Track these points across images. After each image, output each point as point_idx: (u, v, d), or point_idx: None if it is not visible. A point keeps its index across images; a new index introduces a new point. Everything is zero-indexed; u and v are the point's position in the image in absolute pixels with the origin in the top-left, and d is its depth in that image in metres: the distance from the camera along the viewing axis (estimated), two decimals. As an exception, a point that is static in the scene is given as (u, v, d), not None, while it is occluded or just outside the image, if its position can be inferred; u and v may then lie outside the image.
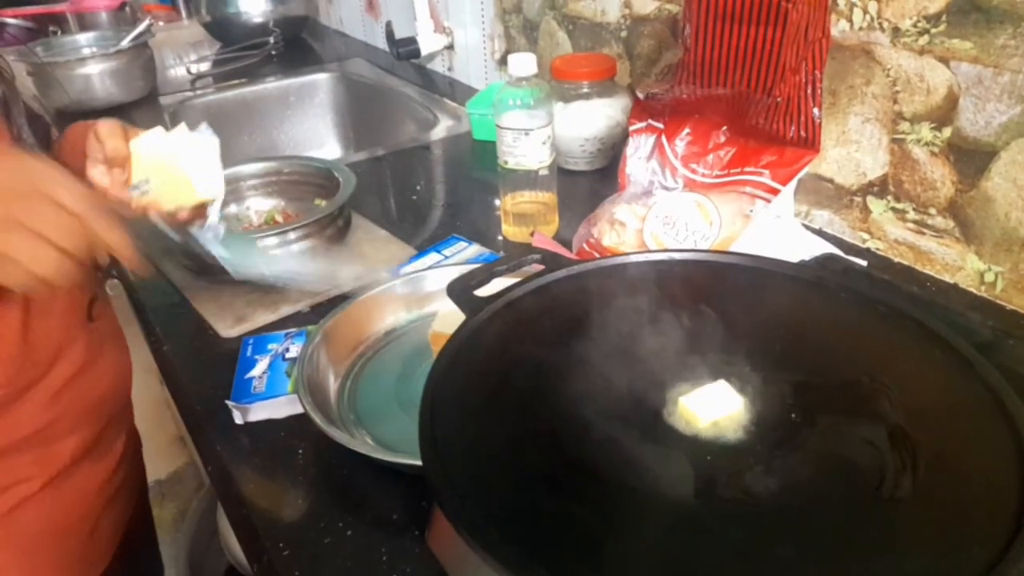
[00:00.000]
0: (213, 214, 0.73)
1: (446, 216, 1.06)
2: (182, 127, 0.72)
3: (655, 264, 0.58)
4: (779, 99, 0.70)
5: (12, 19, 1.91)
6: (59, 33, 1.72)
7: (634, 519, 0.40)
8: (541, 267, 0.60)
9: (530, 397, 0.48)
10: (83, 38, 1.56)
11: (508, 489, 0.42)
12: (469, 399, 0.47)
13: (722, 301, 0.53)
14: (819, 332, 0.50)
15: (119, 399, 0.82)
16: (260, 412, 0.68)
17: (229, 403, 0.67)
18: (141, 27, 1.53)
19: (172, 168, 0.70)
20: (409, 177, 1.22)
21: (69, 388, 0.69)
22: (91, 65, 1.44)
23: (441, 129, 1.40)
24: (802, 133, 0.74)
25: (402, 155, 1.30)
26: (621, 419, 0.45)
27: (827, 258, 0.77)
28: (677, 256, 0.58)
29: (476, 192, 1.15)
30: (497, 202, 1.09)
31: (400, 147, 1.33)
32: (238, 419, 0.68)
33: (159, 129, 0.71)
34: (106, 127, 0.67)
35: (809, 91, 0.71)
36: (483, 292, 0.57)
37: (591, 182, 1.14)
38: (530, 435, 0.45)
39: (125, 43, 1.50)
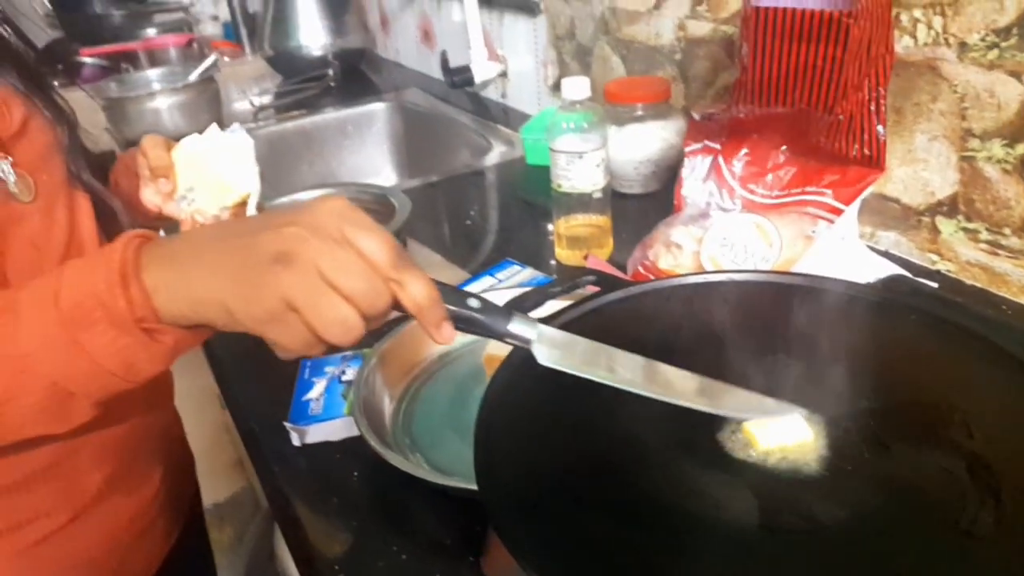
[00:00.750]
0: (251, 209, 0.74)
1: (500, 240, 1.07)
2: (213, 128, 0.74)
3: (714, 285, 0.56)
4: (841, 117, 0.69)
5: (89, 58, 2.02)
6: (131, 70, 1.81)
7: (694, 547, 0.38)
8: (596, 288, 0.59)
9: (586, 421, 0.47)
10: (153, 74, 1.64)
11: (565, 515, 0.41)
12: (524, 423, 0.47)
13: (785, 323, 0.51)
14: (889, 355, 0.48)
15: (152, 431, 0.75)
16: (317, 434, 0.68)
17: (287, 425, 0.68)
18: (207, 63, 1.59)
19: (209, 170, 0.72)
20: (463, 203, 1.23)
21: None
22: (160, 99, 1.51)
23: (495, 155, 1.41)
24: (866, 151, 0.72)
25: (456, 181, 1.32)
26: (681, 445, 0.44)
27: (895, 279, 0.74)
28: (737, 277, 0.57)
29: (529, 216, 1.15)
30: (550, 226, 1.09)
31: (454, 173, 1.35)
32: (295, 441, 0.69)
33: (192, 135, 0.73)
34: (150, 140, 0.71)
35: (873, 108, 0.69)
36: (537, 314, 0.57)
37: (646, 205, 1.13)
38: (586, 460, 0.44)
39: (192, 78, 1.56)
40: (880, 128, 0.70)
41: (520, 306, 0.56)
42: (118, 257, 0.40)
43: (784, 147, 0.78)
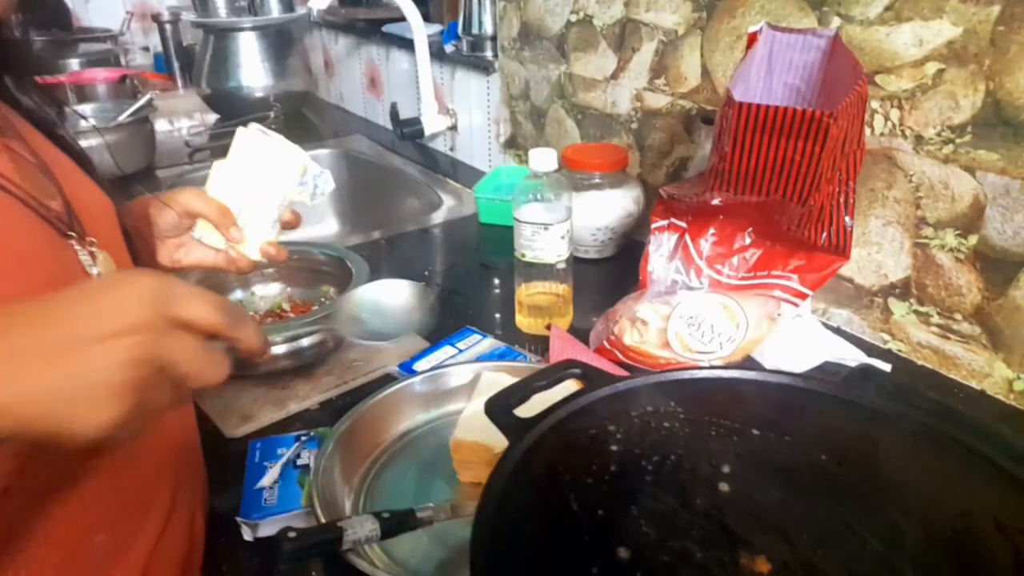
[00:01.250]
0: (308, 179, 0.78)
1: (455, 306, 1.04)
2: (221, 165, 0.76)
3: (704, 382, 0.55)
4: (813, 207, 0.70)
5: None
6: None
7: None
8: (580, 384, 0.57)
9: (583, 544, 0.44)
10: (82, 111, 1.54)
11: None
12: (522, 538, 0.44)
13: (786, 428, 0.51)
14: (894, 472, 0.48)
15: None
16: (272, 528, 0.63)
17: (239, 520, 0.63)
18: (142, 101, 1.52)
19: (253, 189, 0.75)
20: (414, 261, 1.20)
21: None
22: (91, 138, 1.42)
23: (444, 211, 1.39)
24: (833, 240, 0.74)
25: (406, 237, 1.29)
26: (679, 570, 0.42)
27: (864, 369, 0.75)
28: (723, 374, 0.56)
29: (485, 279, 1.13)
30: (500, 291, 1.07)
31: (403, 229, 1.32)
32: (247, 535, 0.63)
33: (214, 166, 0.75)
34: (186, 196, 0.73)
35: (842, 200, 0.71)
36: (524, 410, 0.54)
37: (602, 271, 1.12)
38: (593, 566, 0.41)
39: (124, 117, 1.48)
40: (848, 219, 0.72)
41: (505, 402, 0.53)
42: None
43: (750, 230, 0.79)
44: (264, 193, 0.76)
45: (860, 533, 0.44)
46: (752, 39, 0.75)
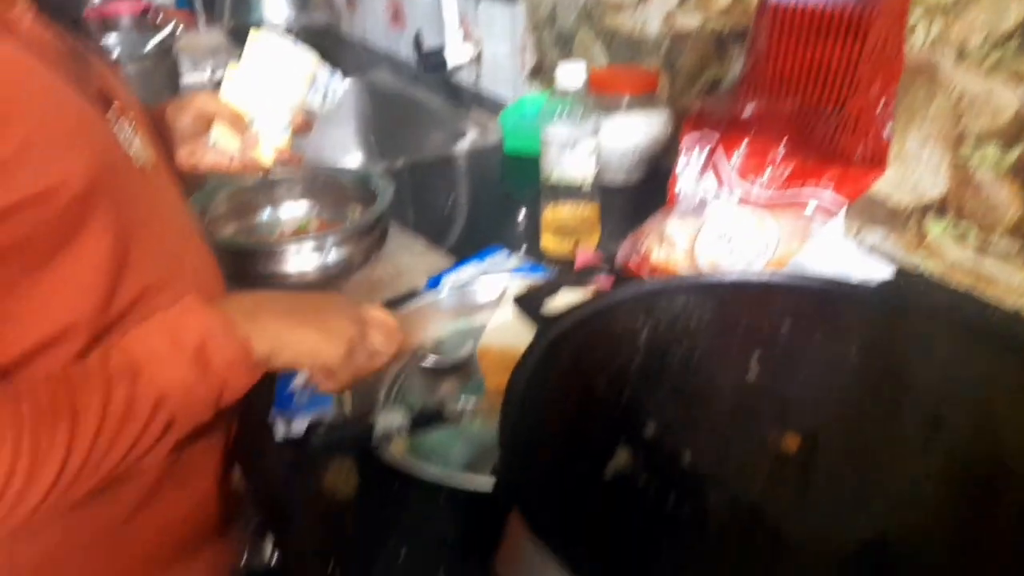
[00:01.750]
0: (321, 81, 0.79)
1: (482, 227, 1.04)
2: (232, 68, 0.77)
3: (733, 285, 0.55)
4: (850, 115, 0.68)
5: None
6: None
7: (728, 555, 0.37)
8: (609, 282, 0.57)
9: (610, 423, 0.45)
10: (107, 41, 1.54)
11: (597, 511, 0.39)
12: (548, 421, 0.44)
13: (817, 324, 0.50)
14: (926, 362, 0.47)
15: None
16: (303, 424, 0.64)
17: (273, 415, 0.64)
18: (166, 31, 1.51)
19: (266, 93, 0.75)
20: (439, 189, 1.19)
21: None
22: (116, 67, 1.42)
23: (469, 141, 1.38)
24: (869, 151, 0.72)
25: (429, 166, 1.28)
26: (717, 443, 0.42)
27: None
28: (753, 279, 0.56)
29: (510, 205, 1.12)
30: (526, 216, 1.07)
31: (427, 158, 1.31)
32: (280, 433, 0.64)
33: (228, 70, 0.76)
34: (202, 99, 0.75)
35: (880, 108, 0.69)
36: (551, 305, 0.54)
37: (629, 196, 1.11)
38: (618, 459, 0.42)
39: (150, 46, 1.48)
40: (886, 128, 0.70)
41: (534, 297, 0.54)
42: (219, 313, 0.51)
43: (784, 142, 0.77)
44: (277, 97, 0.76)
45: (889, 418, 0.44)
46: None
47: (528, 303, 0.53)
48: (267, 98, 0.76)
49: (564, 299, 0.55)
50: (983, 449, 0.42)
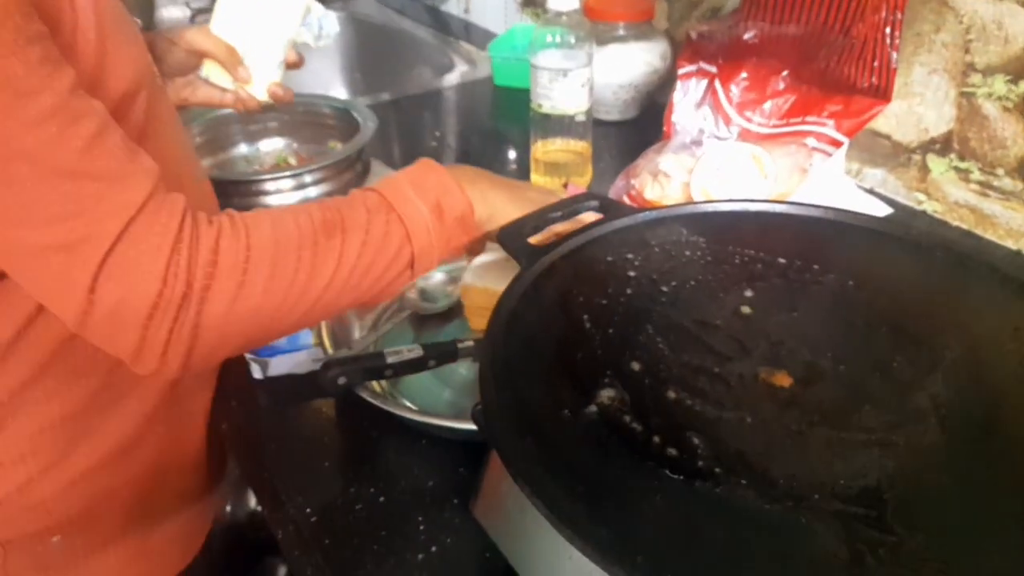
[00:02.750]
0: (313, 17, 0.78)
1: (471, 164, 1.00)
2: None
3: (730, 215, 0.52)
4: (855, 40, 0.64)
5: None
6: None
7: (714, 495, 0.35)
8: (599, 215, 0.54)
9: (599, 357, 0.42)
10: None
11: (579, 453, 0.37)
12: (531, 358, 0.42)
13: (814, 257, 0.48)
14: (923, 296, 0.45)
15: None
16: (281, 366, 0.62)
17: (248, 356, 0.62)
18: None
19: (257, 28, 0.73)
20: (425, 124, 1.15)
21: None
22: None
23: (457, 74, 1.32)
24: (874, 80, 0.68)
25: (417, 100, 1.23)
26: (697, 377, 0.40)
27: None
28: (752, 207, 0.53)
29: (499, 140, 1.08)
30: (513, 153, 1.03)
31: (414, 92, 1.26)
32: (257, 374, 0.62)
33: (217, 4, 0.74)
34: (192, 34, 0.72)
35: (888, 33, 0.65)
36: (537, 238, 0.51)
37: (623, 133, 1.07)
38: (601, 397, 0.40)
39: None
40: (893, 55, 0.66)
41: (519, 230, 0.51)
42: (452, 177, 0.55)
43: (785, 72, 0.73)
44: (269, 32, 0.75)
45: (885, 353, 0.42)
46: None
47: (511, 238, 0.50)
48: (259, 33, 0.74)
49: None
50: (980, 387, 0.40)
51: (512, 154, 1.03)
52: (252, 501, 0.67)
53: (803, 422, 0.38)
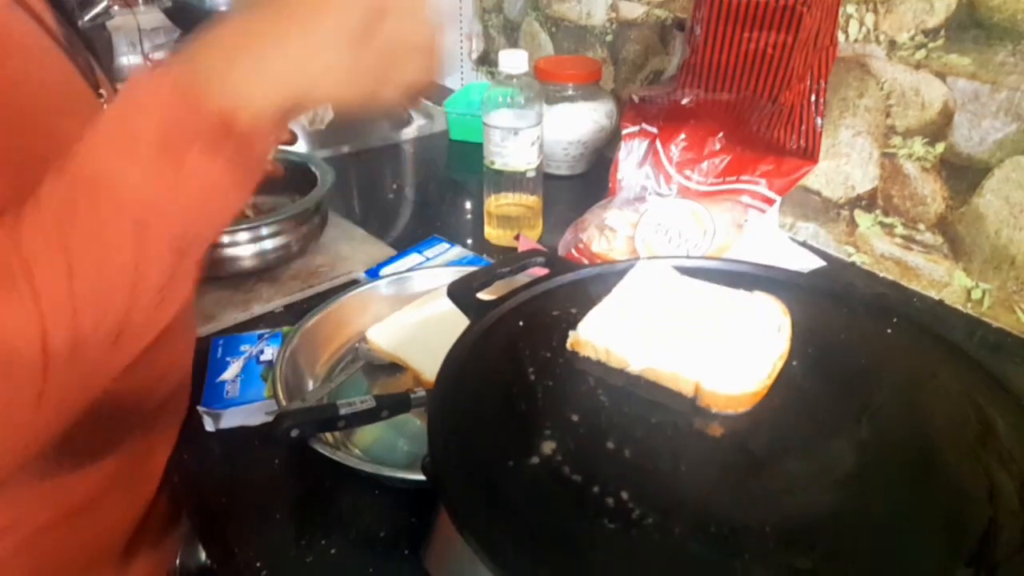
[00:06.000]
0: None
1: (424, 217, 1.03)
2: None
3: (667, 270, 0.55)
4: (783, 106, 0.69)
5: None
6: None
7: (651, 543, 0.37)
8: (544, 270, 0.57)
9: (543, 408, 0.44)
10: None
11: (523, 502, 0.39)
12: (479, 409, 0.44)
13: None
14: (847, 346, 0.49)
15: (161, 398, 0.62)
16: (233, 418, 0.63)
17: (200, 408, 0.62)
18: (99, 7, 1.45)
19: None
20: (383, 176, 1.18)
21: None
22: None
23: (414, 128, 1.36)
24: (802, 143, 0.73)
25: (375, 153, 1.26)
26: (644, 422, 0.43)
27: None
28: (687, 263, 0.56)
29: (454, 194, 1.11)
30: (470, 205, 1.06)
31: (373, 144, 1.29)
32: (209, 426, 0.63)
33: None
34: None
35: (813, 100, 0.70)
36: (486, 295, 0.54)
37: (573, 187, 1.11)
38: (544, 448, 0.42)
39: (83, 23, 1.41)
40: (818, 120, 0.71)
41: (468, 286, 0.53)
42: (178, 78, 0.37)
43: (721, 134, 0.78)
44: None
45: (818, 402, 0.45)
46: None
47: (461, 292, 0.53)
48: None
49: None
50: (911, 433, 0.43)
51: (468, 205, 1.06)
52: (203, 554, 0.67)
53: (736, 469, 0.40)
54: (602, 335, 0.47)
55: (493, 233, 0.95)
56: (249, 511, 0.57)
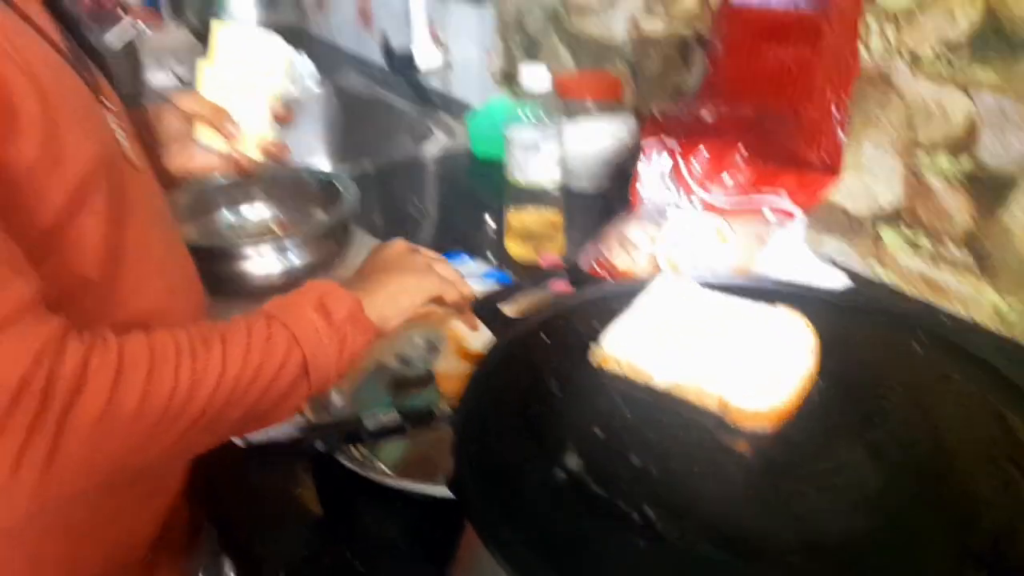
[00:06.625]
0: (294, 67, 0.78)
1: (446, 232, 1.04)
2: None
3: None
4: (805, 120, 0.69)
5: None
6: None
7: (677, 559, 0.37)
8: (568, 287, 0.57)
9: (567, 422, 0.45)
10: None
11: (548, 517, 0.39)
12: (504, 424, 0.44)
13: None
14: (870, 359, 0.48)
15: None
16: (262, 432, 0.63)
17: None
18: (130, 28, 1.48)
19: (242, 85, 0.74)
20: (405, 192, 1.19)
21: None
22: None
23: (437, 145, 1.37)
24: (824, 156, 0.73)
25: (397, 169, 1.27)
26: (670, 438, 0.43)
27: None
28: (711, 279, 0.56)
29: (476, 209, 1.12)
30: (491, 220, 1.06)
31: (395, 161, 1.30)
32: (238, 441, 0.63)
33: (200, 68, 0.74)
34: (180, 99, 0.74)
35: (835, 113, 0.70)
36: (510, 310, 0.54)
37: (593, 203, 1.11)
38: (569, 462, 0.42)
39: (114, 43, 1.45)
40: (841, 134, 0.71)
41: (492, 301, 0.54)
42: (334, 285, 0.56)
43: (742, 148, 0.78)
44: (254, 87, 0.75)
45: (839, 421, 0.45)
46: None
47: (487, 309, 0.53)
48: (244, 90, 0.75)
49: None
50: (931, 454, 0.43)
51: (489, 220, 1.07)
52: (226, 567, 0.67)
53: (762, 487, 0.40)
54: (626, 349, 0.47)
55: (515, 248, 0.95)
56: (274, 523, 0.58)
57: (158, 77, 1.74)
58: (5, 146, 0.45)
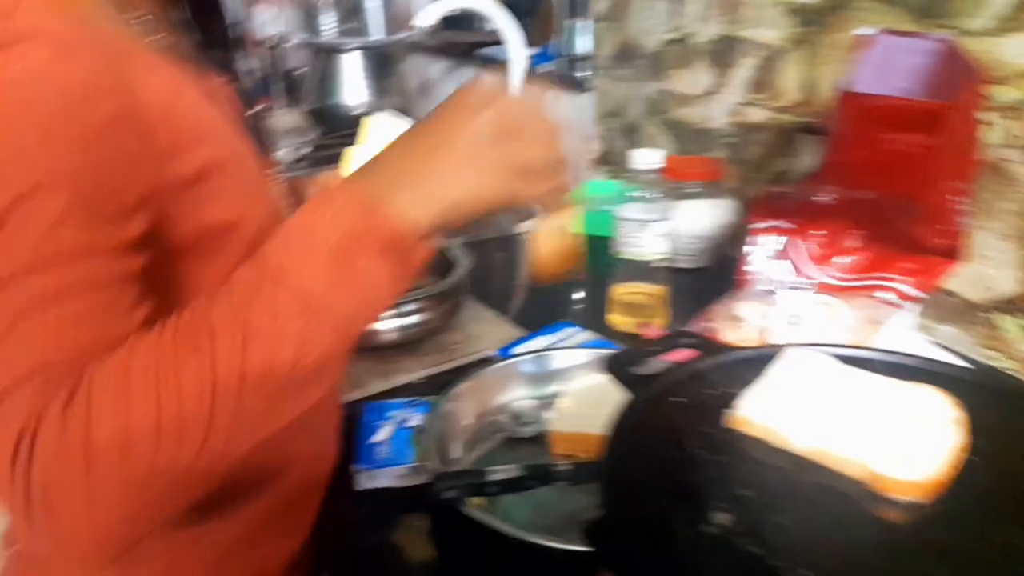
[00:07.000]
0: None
1: (549, 302, 1.07)
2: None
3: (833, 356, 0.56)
4: (926, 207, 0.70)
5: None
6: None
7: None
8: (695, 352, 0.59)
9: (709, 480, 0.45)
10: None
11: (699, 573, 0.39)
12: (645, 480, 0.45)
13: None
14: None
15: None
16: (384, 478, 0.66)
17: (355, 467, 0.66)
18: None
19: None
20: (511, 262, 1.23)
21: None
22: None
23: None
24: (942, 243, 0.74)
25: (499, 242, 1.32)
26: (812, 509, 0.43)
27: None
28: (840, 350, 0.57)
29: (577, 282, 1.15)
30: (591, 293, 1.09)
31: (497, 233, 1.35)
32: (362, 484, 0.66)
33: (347, 153, 0.78)
34: (328, 181, 0.77)
35: (955, 201, 0.71)
36: (639, 371, 0.56)
37: (696, 279, 1.13)
38: (712, 520, 0.42)
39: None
40: (963, 220, 0.72)
41: (618, 361, 0.56)
42: (355, 196, 0.46)
43: (859, 231, 0.80)
44: None
45: (996, 493, 0.44)
46: (862, 43, 0.77)
47: (619, 366, 0.55)
48: None
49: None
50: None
51: (589, 294, 1.10)
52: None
53: (917, 560, 0.40)
54: (763, 413, 0.48)
55: (617, 320, 0.98)
56: (394, 572, 0.59)
57: (280, 152, 1.88)
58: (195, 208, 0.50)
